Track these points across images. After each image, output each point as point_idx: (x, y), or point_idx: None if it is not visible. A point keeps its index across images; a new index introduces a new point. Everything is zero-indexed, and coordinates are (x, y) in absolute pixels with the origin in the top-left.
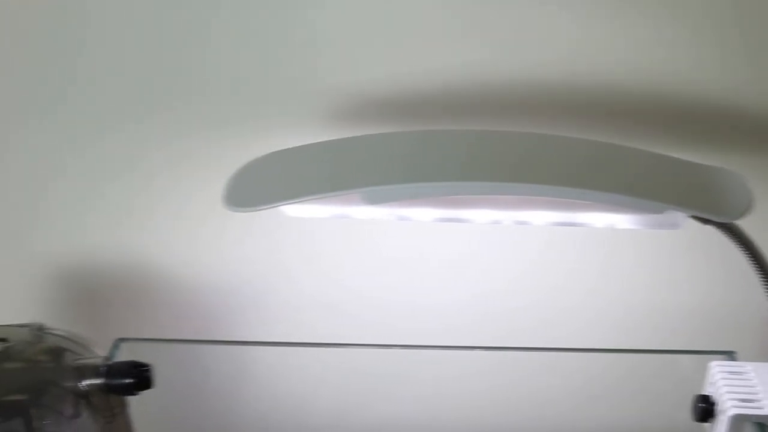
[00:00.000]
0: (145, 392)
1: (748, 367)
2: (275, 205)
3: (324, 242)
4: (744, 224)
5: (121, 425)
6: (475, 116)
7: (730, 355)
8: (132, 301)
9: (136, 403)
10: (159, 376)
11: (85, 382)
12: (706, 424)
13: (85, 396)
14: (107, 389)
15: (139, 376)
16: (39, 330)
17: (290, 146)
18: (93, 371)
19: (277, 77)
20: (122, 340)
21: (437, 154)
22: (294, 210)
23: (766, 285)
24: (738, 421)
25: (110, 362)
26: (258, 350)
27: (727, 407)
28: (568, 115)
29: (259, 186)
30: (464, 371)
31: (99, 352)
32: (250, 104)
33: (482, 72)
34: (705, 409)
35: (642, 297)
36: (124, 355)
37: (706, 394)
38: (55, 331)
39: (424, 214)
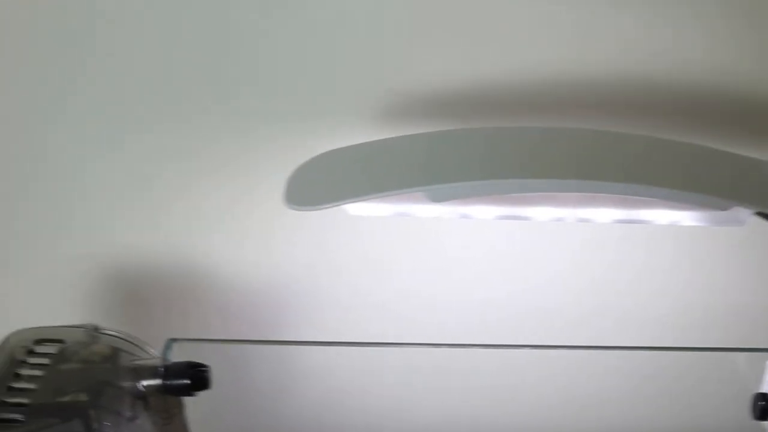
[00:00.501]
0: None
1: None
2: (339, 203)
3: (374, 240)
4: None
5: (178, 426)
6: (525, 114)
7: None
8: (180, 302)
9: (188, 404)
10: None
11: (143, 383)
12: (766, 423)
13: (142, 397)
14: (165, 390)
15: (196, 377)
16: (94, 331)
17: (346, 145)
18: (150, 372)
19: (332, 76)
20: (174, 340)
21: (501, 150)
22: (356, 208)
23: None
24: None
25: (168, 363)
26: (309, 350)
27: None
28: (619, 112)
29: (321, 185)
30: (524, 370)
31: (152, 352)
32: (303, 103)
33: (533, 69)
34: (765, 407)
35: (700, 295)
36: (176, 355)
37: (765, 392)
38: (109, 332)
39: (486, 212)
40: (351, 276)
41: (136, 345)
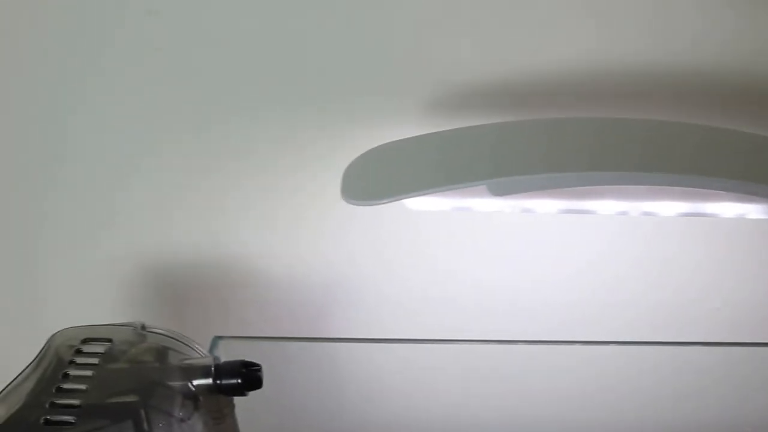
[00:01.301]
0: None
1: None
2: (399, 197)
3: (431, 235)
4: None
5: (230, 426)
6: (582, 105)
7: None
8: (229, 299)
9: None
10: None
11: (194, 383)
12: None
13: (194, 397)
14: (217, 390)
15: (248, 376)
16: (141, 329)
17: (400, 138)
18: (201, 371)
19: (380, 67)
20: (219, 338)
21: (563, 142)
22: (416, 203)
23: None
24: None
25: (219, 362)
26: (356, 347)
27: None
28: (676, 103)
29: (379, 179)
30: (579, 365)
31: (202, 351)
32: (351, 98)
33: (585, 60)
34: None
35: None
36: (221, 353)
37: None
38: (157, 330)
39: (548, 206)
40: (401, 271)
41: (185, 343)
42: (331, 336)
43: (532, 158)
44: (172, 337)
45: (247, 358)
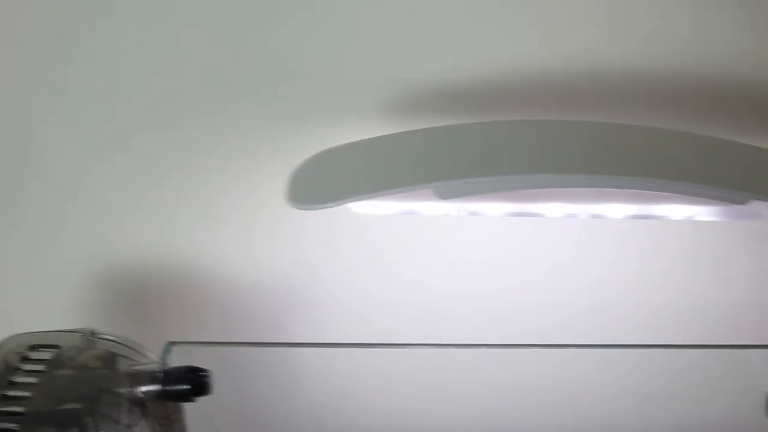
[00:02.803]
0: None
1: None
2: (344, 201)
3: (379, 239)
4: None
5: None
6: (535, 107)
7: None
8: (181, 304)
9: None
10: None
11: (142, 389)
12: None
13: (141, 403)
14: (164, 396)
15: (197, 382)
16: (90, 335)
17: (350, 141)
18: (149, 377)
19: (334, 70)
20: (173, 343)
21: (510, 145)
22: (362, 207)
23: None
24: None
25: (167, 368)
26: (312, 352)
27: None
28: (633, 104)
29: (325, 182)
30: (531, 369)
31: (151, 357)
32: (304, 101)
33: (539, 62)
34: None
35: (713, 291)
36: (175, 358)
37: None
38: (106, 336)
39: (495, 209)
40: (355, 275)
41: (134, 349)
42: (286, 341)
43: (478, 161)
44: (122, 344)
45: (203, 364)
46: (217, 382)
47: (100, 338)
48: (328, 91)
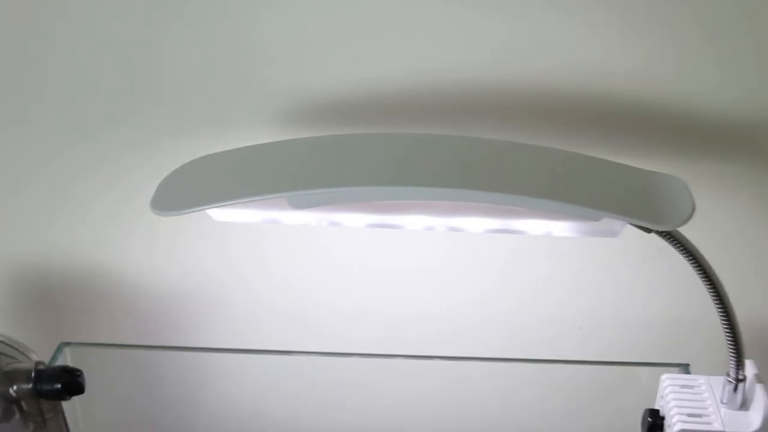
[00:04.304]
0: (87, 397)
1: (701, 380)
2: (198, 209)
3: (240, 247)
4: (691, 232)
5: (54, 430)
6: (424, 121)
7: (684, 367)
8: (84, 308)
9: (84, 408)
10: (106, 381)
11: (15, 387)
12: None
13: (15, 401)
14: (38, 394)
15: (69, 381)
16: None
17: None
18: (23, 376)
19: (221, 80)
20: (67, 344)
21: (365, 158)
22: (220, 214)
23: (712, 293)
24: None
25: (41, 367)
26: (205, 355)
27: (674, 422)
28: (522, 120)
29: (188, 189)
30: (411, 380)
31: (43, 357)
32: (196, 107)
33: (427, 74)
34: (653, 423)
35: (605, 307)
36: (72, 359)
37: (656, 408)
38: None
39: (355, 220)
40: (247, 281)
41: (17, 349)
42: (184, 345)
43: (329, 173)
44: (6, 343)
45: (100, 366)
46: (111, 383)
47: None
48: (209, 102)
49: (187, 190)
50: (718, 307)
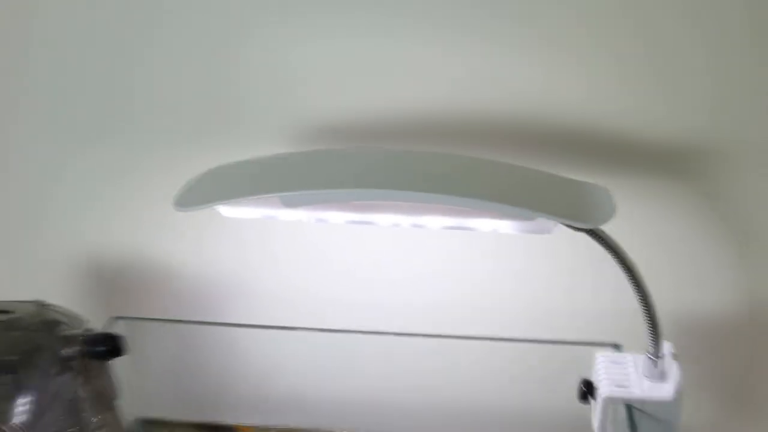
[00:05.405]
0: (132, 361)
1: (628, 358)
2: (207, 206)
3: (272, 241)
4: (618, 234)
5: (100, 386)
6: (401, 139)
7: (616, 346)
8: (131, 288)
9: (129, 374)
10: (150, 351)
11: (70, 348)
12: (588, 404)
13: (69, 359)
14: (86, 355)
15: (112, 345)
16: (41, 306)
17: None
18: (76, 340)
19: (241, 106)
20: (118, 318)
21: (345, 166)
22: (226, 210)
23: (633, 283)
24: (610, 401)
25: (89, 333)
26: (243, 332)
27: (603, 390)
28: (478, 139)
29: (203, 191)
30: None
31: (96, 328)
32: (220, 127)
33: (402, 102)
34: (586, 391)
35: (551, 297)
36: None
37: (590, 379)
38: (55, 308)
39: (337, 217)
40: (231, 268)
41: (76, 319)
42: (210, 320)
43: (315, 177)
44: (66, 314)
45: (147, 338)
46: (156, 352)
47: (48, 308)
48: (234, 121)
49: (203, 191)
50: (639, 296)
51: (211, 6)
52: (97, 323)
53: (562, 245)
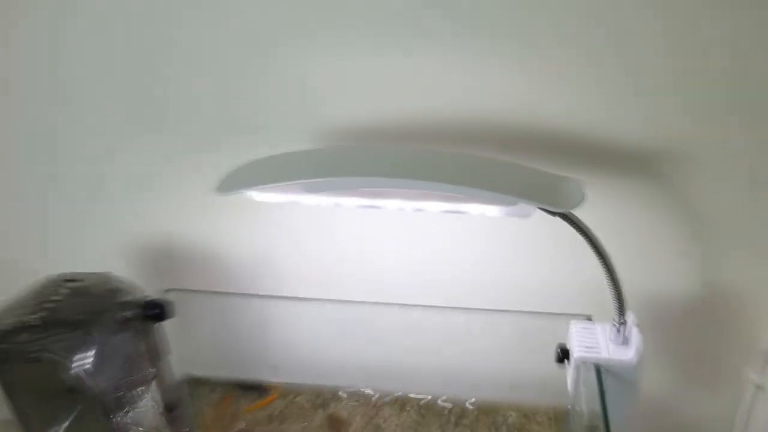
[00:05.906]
0: (181, 324)
1: (597, 326)
2: (242, 191)
3: (297, 222)
4: (593, 222)
5: (153, 343)
6: (408, 138)
7: (588, 317)
8: (181, 265)
9: (177, 338)
10: (194, 319)
11: (129, 311)
12: (563, 365)
13: (128, 320)
14: (142, 317)
15: (162, 309)
16: (106, 276)
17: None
18: (134, 304)
19: (274, 109)
20: (169, 290)
21: (357, 159)
22: (258, 195)
23: (601, 262)
24: (581, 361)
25: (144, 299)
26: (274, 303)
27: (576, 352)
28: (475, 140)
29: (239, 179)
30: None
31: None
32: (257, 126)
33: (409, 109)
34: (562, 355)
35: (536, 274)
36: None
37: (565, 344)
38: (118, 278)
39: (350, 202)
40: (261, 246)
41: (135, 288)
42: (255, 293)
43: (331, 169)
44: (127, 284)
45: (199, 308)
46: (199, 320)
47: (112, 279)
48: (273, 126)
49: (238, 179)
50: (606, 272)
51: (245, 32)
52: (151, 294)
53: (543, 230)
